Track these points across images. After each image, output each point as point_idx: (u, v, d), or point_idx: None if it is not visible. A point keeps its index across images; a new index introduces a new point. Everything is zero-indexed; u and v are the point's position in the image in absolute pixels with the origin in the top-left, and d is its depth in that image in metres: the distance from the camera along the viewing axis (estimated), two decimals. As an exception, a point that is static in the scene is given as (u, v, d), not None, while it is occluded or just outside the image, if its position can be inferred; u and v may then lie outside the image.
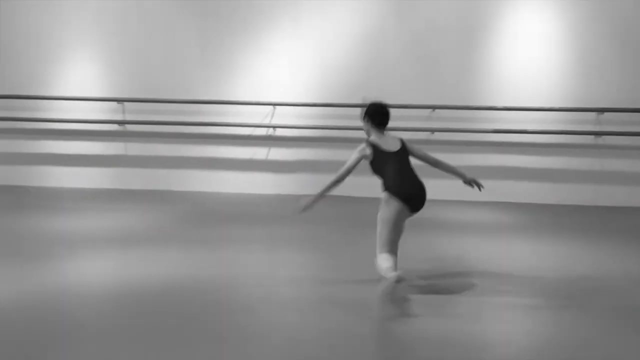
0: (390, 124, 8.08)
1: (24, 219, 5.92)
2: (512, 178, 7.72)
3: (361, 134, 7.55)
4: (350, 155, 3.85)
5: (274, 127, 7.60)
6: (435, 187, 7.62)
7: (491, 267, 4.68)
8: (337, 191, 4.15)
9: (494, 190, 7.75)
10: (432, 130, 7.53)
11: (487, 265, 4.70)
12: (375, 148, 3.84)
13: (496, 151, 7.69)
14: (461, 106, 7.49)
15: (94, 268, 4.43)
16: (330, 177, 3.90)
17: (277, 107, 7.62)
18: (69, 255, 4.74)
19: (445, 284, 4.21)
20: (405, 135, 7.51)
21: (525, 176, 7.68)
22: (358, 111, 7.49)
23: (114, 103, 7.63)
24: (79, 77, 7.68)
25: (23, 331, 3.27)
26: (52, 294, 3.90)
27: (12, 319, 3.43)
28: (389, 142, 3.94)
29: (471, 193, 7.67)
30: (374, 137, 3.92)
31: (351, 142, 7.70)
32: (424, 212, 5.52)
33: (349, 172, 3.84)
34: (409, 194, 3.74)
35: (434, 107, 7.51)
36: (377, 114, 3.98)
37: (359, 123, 3.82)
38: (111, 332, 3.15)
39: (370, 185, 6.07)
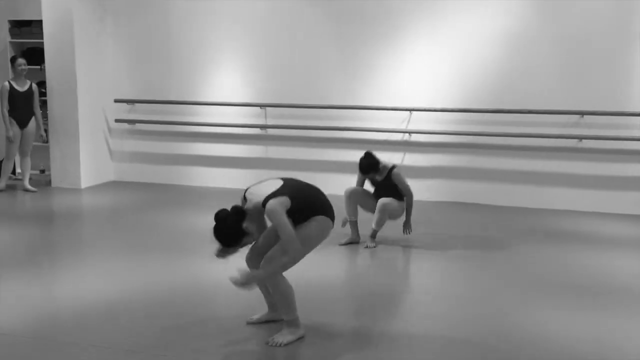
0: (535, 130, 7.74)
1: (176, 216, 6.43)
2: (671, 191, 7.03)
3: (497, 140, 7.38)
4: None
5: (410, 132, 7.57)
6: (577, 196, 7.20)
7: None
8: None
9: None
10: (580, 138, 7.08)
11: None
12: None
13: (650, 161, 7.05)
14: (613, 112, 6.96)
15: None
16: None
17: (414, 112, 7.58)
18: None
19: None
20: (550, 144, 7.25)
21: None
22: (498, 117, 7.33)
23: (257, 108, 8.03)
24: (228, 85, 8.18)
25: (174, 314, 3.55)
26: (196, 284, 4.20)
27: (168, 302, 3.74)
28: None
29: (620, 205, 7.11)
30: None
31: (490, 148, 7.47)
32: (564, 223, 5.17)
33: None
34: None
35: (582, 113, 7.06)
36: None
37: (498, 129, 3.69)
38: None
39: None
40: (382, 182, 5.44)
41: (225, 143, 8.34)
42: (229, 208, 3.16)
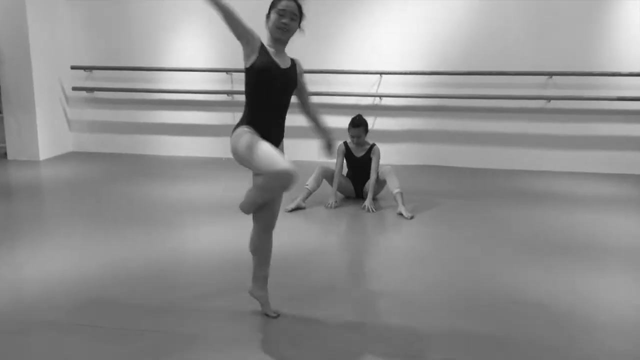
0: (506, 92, 7.83)
1: (140, 186, 6.19)
2: (638, 148, 7.15)
3: (467, 102, 7.34)
4: None
5: (380, 96, 7.46)
6: (549, 156, 7.27)
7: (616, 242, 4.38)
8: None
9: (619, 161, 7.26)
10: (549, 99, 7.10)
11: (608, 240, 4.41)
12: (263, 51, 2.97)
13: (620, 120, 7.14)
14: (582, 72, 6.98)
15: (208, 234, 4.55)
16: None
17: (384, 75, 7.46)
18: (182, 221, 4.90)
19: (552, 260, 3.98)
20: (520, 104, 7.28)
21: (653, 147, 7.11)
22: (468, 79, 7.27)
23: (223, 74, 7.76)
24: (192, 49, 7.86)
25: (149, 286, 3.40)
26: (172, 256, 4.05)
27: (141, 277, 3.59)
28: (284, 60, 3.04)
29: (591, 164, 7.22)
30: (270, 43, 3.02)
31: (460, 110, 7.43)
32: (535, 184, 5.19)
33: None
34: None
35: (551, 74, 7.06)
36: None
37: (468, 91, 3.60)
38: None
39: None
40: (361, 157, 5.54)
41: (191, 110, 8.06)
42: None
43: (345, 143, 5.61)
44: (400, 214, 5.14)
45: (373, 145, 5.56)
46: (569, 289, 3.53)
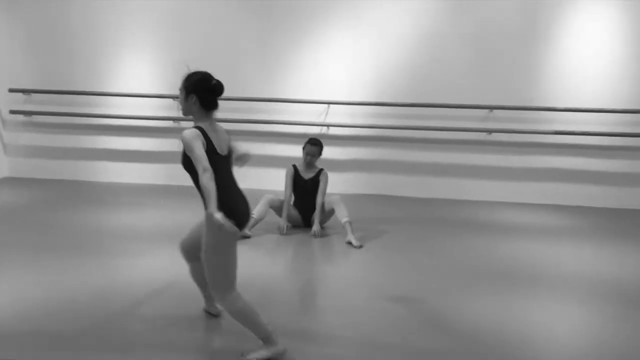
0: (449, 124, 8.12)
1: (80, 214, 5.98)
2: (573, 181, 7.48)
3: (412, 133, 7.53)
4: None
5: (328, 125, 7.53)
6: (489, 187, 7.50)
7: (553, 271, 4.53)
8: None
9: (555, 193, 7.56)
10: (490, 131, 7.35)
11: (547, 270, 4.55)
12: (206, 139, 2.76)
13: (557, 153, 7.46)
14: (520, 107, 7.28)
15: (145, 265, 4.41)
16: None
17: (332, 105, 7.55)
18: (123, 251, 4.75)
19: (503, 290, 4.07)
20: (461, 136, 7.52)
21: (587, 179, 7.44)
22: (413, 110, 7.47)
23: (170, 100, 7.66)
24: (135, 75, 7.73)
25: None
26: (102, 288, 3.89)
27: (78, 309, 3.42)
28: (221, 137, 2.89)
29: (529, 195, 7.48)
30: (202, 125, 2.81)
31: (405, 141, 7.59)
32: (478, 213, 5.34)
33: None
34: (246, 214, 2.89)
35: (491, 108, 7.33)
36: (208, 91, 2.80)
37: (413, 122, 3.63)
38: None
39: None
40: (310, 179, 5.57)
41: (134, 136, 7.89)
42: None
43: (294, 166, 5.61)
44: (350, 243, 5.15)
45: (322, 169, 5.61)
46: (510, 315, 3.61)
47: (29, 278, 3.98)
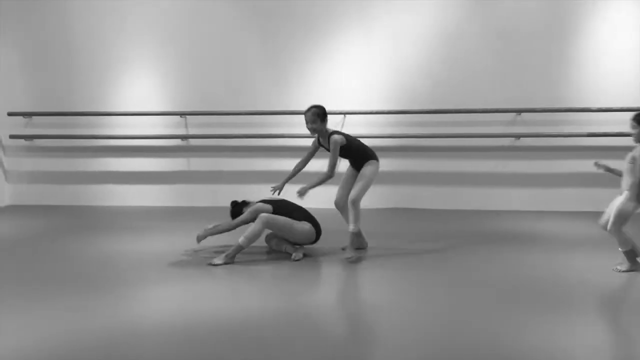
0: (472, 130, 7.64)
1: (89, 243, 5.56)
2: (609, 186, 7.01)
3: (434, 142, 7.09)
4: None
5: (344, 137, 7.11)
6: (527, 196, 7.03)
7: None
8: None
9: (589, 198, 7.08)
10: (518, 136, 6.91)
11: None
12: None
13: (590, 157, 6.99)
14: (551, 109, 6.85)
15: (162, 299, 3.99)
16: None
17: (348, 115, 7.14)
18: (134, 282, 4.32)
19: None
20: (489, 142, 7.05)
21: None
22: (434, 118, 7.02)
23: (177, 117, 7.28)
24: (142, 92, 7.37)
25: None
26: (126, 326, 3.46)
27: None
28: None
29: (562, 203, 7.02)
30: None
31: (427, 150, 7.16)
32: (516, 224, 4.88)
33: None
34: None
35: (519, 111, 6.89)
36: None
37: (435, 130, 3.32)
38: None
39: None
40: (327, 145, 5.14)
41: (142, 157, 7.51)
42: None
43: (317, 136, 5.23)
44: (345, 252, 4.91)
45: (331, 134, 5.10)
46: (547, 336, 3.16)
47: (30, 316, 3.56)
